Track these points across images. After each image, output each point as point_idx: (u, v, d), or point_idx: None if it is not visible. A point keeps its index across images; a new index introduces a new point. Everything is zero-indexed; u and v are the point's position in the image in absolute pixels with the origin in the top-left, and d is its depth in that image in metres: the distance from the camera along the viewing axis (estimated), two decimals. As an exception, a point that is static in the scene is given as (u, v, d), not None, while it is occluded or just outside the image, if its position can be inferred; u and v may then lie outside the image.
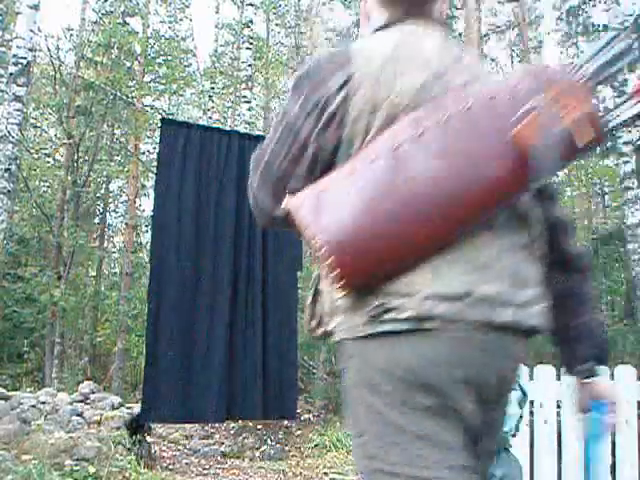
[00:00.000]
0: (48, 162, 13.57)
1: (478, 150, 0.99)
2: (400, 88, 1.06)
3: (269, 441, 7.73)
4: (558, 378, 3.57)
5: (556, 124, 0.95)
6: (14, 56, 5.96)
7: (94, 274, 15.55)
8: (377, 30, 1.21)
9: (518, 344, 1.08)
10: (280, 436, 8.09)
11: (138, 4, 13.25)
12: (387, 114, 1.05)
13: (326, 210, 0.99)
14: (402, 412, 1.00)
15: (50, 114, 13.53)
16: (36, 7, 6.10)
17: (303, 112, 1.11)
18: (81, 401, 5.64)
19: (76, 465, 4.28)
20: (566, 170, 18.84)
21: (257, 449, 7.42)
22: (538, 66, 1.13)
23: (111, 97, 11.09)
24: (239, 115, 11.73)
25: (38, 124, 14.77)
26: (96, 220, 16.70)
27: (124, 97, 10.49)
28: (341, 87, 1.08)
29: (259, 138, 5.81)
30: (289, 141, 1.12)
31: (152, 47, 12.87)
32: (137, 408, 5.54)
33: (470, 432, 1.05)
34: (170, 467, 6.07)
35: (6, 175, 5.69)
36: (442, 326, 0.98)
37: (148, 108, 13.11)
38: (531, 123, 0.94)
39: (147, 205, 18.10)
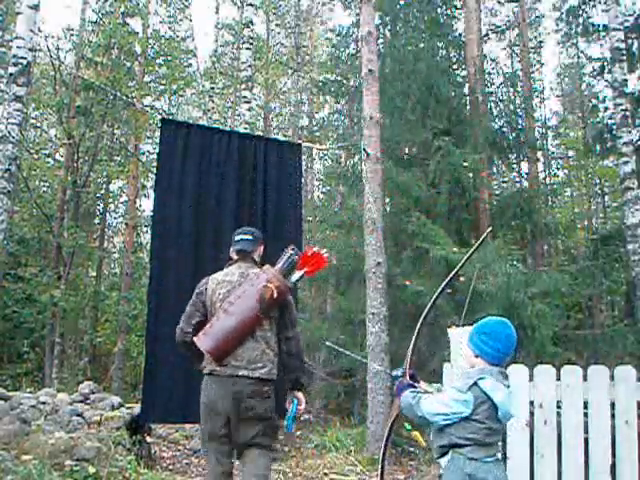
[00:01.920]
0: (48, 162, 13.57)
1: (247, 307, 2.97)
2: (219, 293, 3.05)
3: (269, 441, 7.73)
4: (558, 378, 3.57)
5: (268, 291, 2.95)
6: (14, 56, 5.95)
7: (94, 274, 15.55)
8: (227, 265, 3.18)
9: (252, 383, 2.94)
10: (280, 436, 8.09)
11: (138, 4, 13.25)
12: (217, 302, 3.04)
13: (206, 340, 2.95)
14: (203, 399, 3.02)
15: (50, 114, 13.54)
16: (36, 7, 6.09)
17: (193, 299, 3.14)
18: (81, 401, 5.65)
19: (76, 465, 4.28)
20: (566, 171, 18.87)
21: (257, 449, 7.42)
22: (267, 269, 3.08)
23: (111, 97, 11.09)
24: (239, 115, 11.72)
25: (38, 124, 14.78)
26: (96, 220, 16.70)
27: (124, 97, 10.48)
28: (201, 293, 3.11)
29: (259, 138, 5.81)
30: (191, 308, 3.12)
31: (152, 47, 12.87)
32: (137, 408, 5.54)
33: (228, 424, 2.97)
34: (170, 467, 6.07)
35: (6, 175, 5.68)
36: (217, 374, 2.96)
37: (148, 108, 13.11)
38: (264, 291, 2.94)
39: (147, 205, 18.12)
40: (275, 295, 2.93)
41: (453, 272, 2.76)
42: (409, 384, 2.47)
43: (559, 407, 3.57)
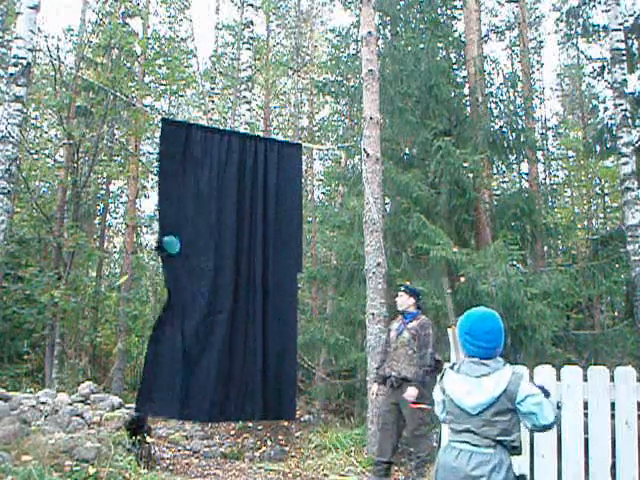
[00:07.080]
0: (48, 162, 13.57)
1: None
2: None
3: (269, 442, 7.73)
4: (558, 379, 3.57)
5: None
6: (14, 56, 5.95)
7: (94, 275, 15.54)
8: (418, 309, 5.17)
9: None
10: (280, 437, 8.10)
11: (138, 4, 13.25)
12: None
13: None
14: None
15: (50, 114, 13.53)
16: (36, 7, 6.09)
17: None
18: (81, 402, 5.64)
19: (76, 466, 4.28)
20: (566, 171, 18.87)
21: (257, 450, 7.42)
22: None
23: (111, 98, 11.08)
24: (239, 115, 11.73)
25: (38, 124, 14.77)
26: (96, 220, 16.70)
27: (124, 98, 10.48)
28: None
29: (259, 138, 5.80)
30: None
31: (152, 48, 12.87)
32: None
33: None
34: (170, 468, 6.06)
35: (6, 175, 5.68)
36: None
37: (148, 108, 13.11)
38: None
39: (147, 205, 18.11)
40: None
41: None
42: None
43: (559, 407, 3.57)
